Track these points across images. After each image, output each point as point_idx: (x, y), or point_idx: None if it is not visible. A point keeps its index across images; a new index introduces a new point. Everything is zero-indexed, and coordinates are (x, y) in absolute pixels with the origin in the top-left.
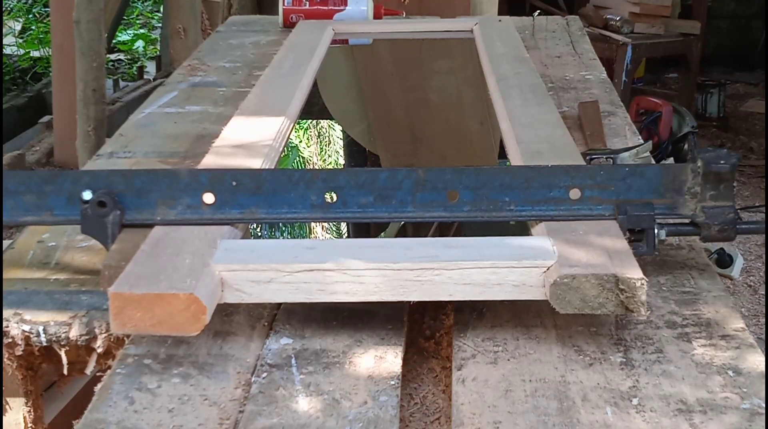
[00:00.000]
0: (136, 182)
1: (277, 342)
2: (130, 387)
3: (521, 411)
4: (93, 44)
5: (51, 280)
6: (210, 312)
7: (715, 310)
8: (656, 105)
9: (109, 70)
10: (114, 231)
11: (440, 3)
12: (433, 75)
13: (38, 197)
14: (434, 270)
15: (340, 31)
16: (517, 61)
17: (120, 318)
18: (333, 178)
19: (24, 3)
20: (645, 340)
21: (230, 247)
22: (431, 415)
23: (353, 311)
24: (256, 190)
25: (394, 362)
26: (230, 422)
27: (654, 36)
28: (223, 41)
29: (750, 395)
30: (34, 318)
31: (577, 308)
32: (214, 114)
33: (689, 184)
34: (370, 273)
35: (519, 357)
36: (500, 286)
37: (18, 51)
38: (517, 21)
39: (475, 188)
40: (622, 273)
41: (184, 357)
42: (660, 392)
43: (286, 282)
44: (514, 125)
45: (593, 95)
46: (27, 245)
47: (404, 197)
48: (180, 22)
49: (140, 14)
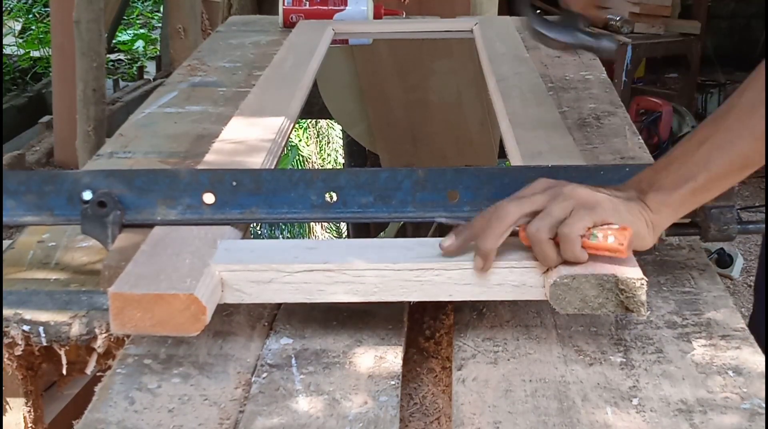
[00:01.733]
0: (136, 182)
1: (277, 342)
2: (130, 387)
3: (521, 411)
4: (93, 44)
5: (51, 280)
6: (210, 312)
7: (715, 310)
8: (656, 105)
9: (109, 70)
10: (114, 231)
11: (440, 3)
12: (433, 75)
13: (38, 197)
14: (434, 270)
15: (340, 31)
16: (517, 61)
17: (120, 318)
18: (333, 178)
19: (24, 3)
20: (645, 340)
21: (230, 247)
22: (431, 415)
23: (353, 311)
24: (257, 190)
25: (394, 362)
26: (230, 422)
27: (654, 36)
28: (223, 41)
29: (750, 395)
30: (34, 318)
31: (577, 308)
32: (214, 114)
33: None
34: (370, 273)
35: (519, 357)
36: (500, 286)
37: (18, 51)
38: (517, 21)
39: (475, 188)
40: (621, 273)
41: (184, 357)
42: (660, 392)
43: (286, 282)
44: (514, 125)
45: (593, 95)
46: (27, 245)
47: (404, 197)
48: (180, 22)
49: (140, 14)
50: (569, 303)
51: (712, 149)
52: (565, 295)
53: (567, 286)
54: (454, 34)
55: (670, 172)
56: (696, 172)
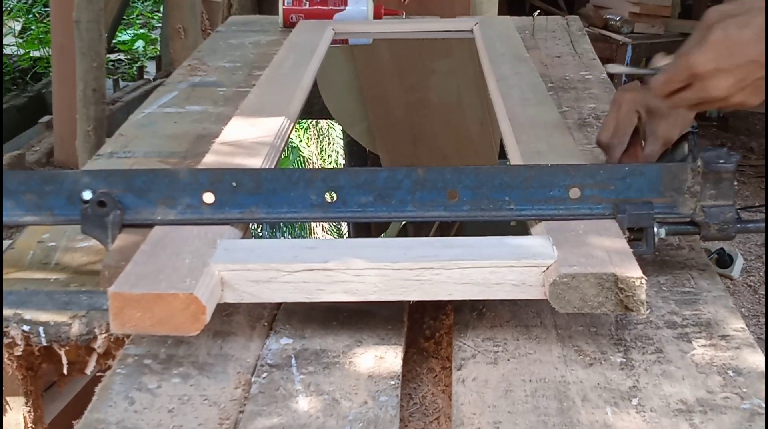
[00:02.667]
0: (136, 182)
1: (277, 342)
2: (130, 387)
3: (521, 411)
4: (93, 44)
5: (51, 280)
6: (209, 312)
7: (715, 310)
8: None
9: (109, 70)
10: (114, 231)
11: (440, 3)
12: (433, 75)
13: (38, 197)
14: (434, 269)
15: (340, 31)
16: (517, 61)
17: (119, 318)
18: (333, 177)
19: (24, 3)
20: (645, 340)
21: (230, 247)
22: (431, 415)
23: (353, 311)
24: (256, 190)
25: (394, 362)
26: (230, 422)
27: (654, 36)
28: (223, 41)
29: (750, 395)
30: (34, 318)
31: (577, 307)
32: (214, 114)
33: (689, 183)
34: (369, 272)
35: (519, 357)
36: (500, 285)
37: (18, 51)
38: (517, 21)
39: (475, 188)
40: (621, 272)
41: (184, 357)
42: (660, 392)
43: (285, 281)
44: (514, 125)
45: (593, 95)
46: (27, 245)
47: (404, 197)
48: (180, 22)
49: (140, 14)
50: (569, 302)
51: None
52: (565, 294)
53: (566, 285)
54: (454, 34)
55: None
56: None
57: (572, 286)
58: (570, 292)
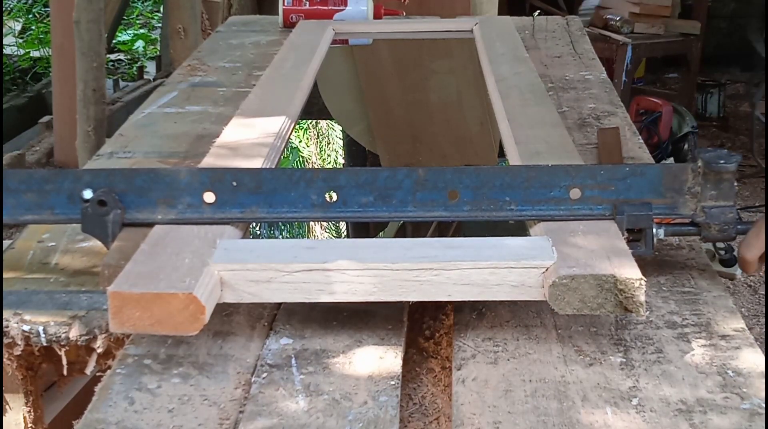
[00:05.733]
0: (136, 181)
1: (277, 342)
2: (130, 387)
3: (521, 411)
4: (93, 44)
5: (51, 280)
6: (209, 311)
7: (715, 310)
8: (656, 105)
9: (109, 70)
10: (114, 230)
11: (440, 3)
12: (433, 75)
13: (39, 196)
14: (433, 270)
15: (340, 31)
16: (517, 61)
17: (119, 317)
18: (333, 177)
19: (24, 3)
20: (645, 340)
21: (229, 247)
22: (431, 415)
23: (353, 311)
24: (257, 190)
25: (394, 362)
26: (230, 422)
27: (654, 36)
28: (223, 41)
29: (750, 395)
30: (34, 318)
31: (576, 309)
32: (214, 114)
33: (689, 183)
34: (369, 273)
35: (519, 357)
36: (499, 286)
37: (18, 51)
38: (517, 21)
39: (476, 188)
40: (620, 273)
41: (184, 357)
42: (660, 392)
43: (285, 282)
44: (513, 125)
45: (593, 95)
46: (27, 245)
47: (404, 197)
48: (180, 22)
49: (140, 14)
50: (568, 303)
51: None
52: (564, 296)
53: (566, 287)
54: (454, 34)
55: None
56: None
57: (572, 287)
58: (569, 294)
